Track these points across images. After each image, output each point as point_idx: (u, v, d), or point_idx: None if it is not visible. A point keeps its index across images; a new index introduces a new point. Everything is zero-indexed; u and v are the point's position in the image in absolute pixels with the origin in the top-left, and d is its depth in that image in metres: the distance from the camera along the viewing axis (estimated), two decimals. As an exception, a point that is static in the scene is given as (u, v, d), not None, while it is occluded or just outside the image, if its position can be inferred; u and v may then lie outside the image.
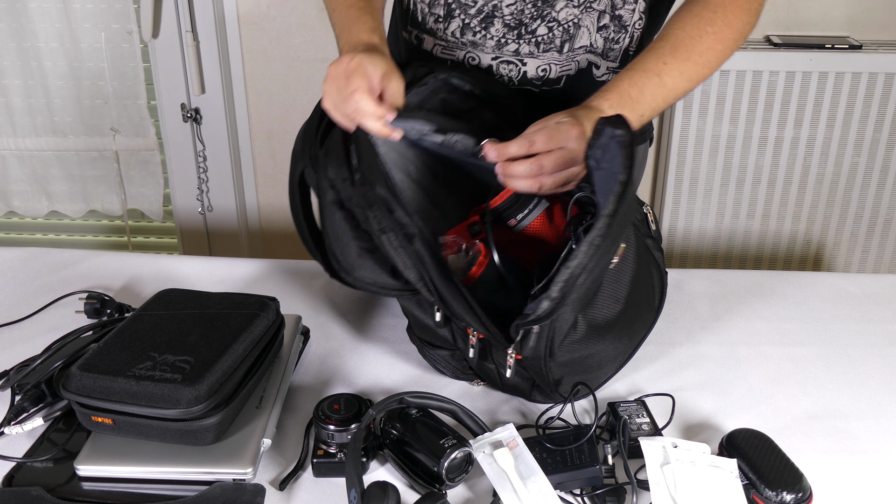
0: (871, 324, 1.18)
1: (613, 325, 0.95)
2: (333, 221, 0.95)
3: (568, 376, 0.96)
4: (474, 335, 0.94)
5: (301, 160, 1.00)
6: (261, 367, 0.95)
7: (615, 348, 0.98)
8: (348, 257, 0.95)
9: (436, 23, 1.15)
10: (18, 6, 2.18)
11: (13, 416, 0.94)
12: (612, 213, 0.80)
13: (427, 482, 0.85)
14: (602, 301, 0.94)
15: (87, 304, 1.15)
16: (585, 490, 0.86)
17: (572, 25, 1.10)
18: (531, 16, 1.09)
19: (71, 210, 2.44)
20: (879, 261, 2.28)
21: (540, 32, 1.10)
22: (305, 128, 1.02)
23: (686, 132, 2.12)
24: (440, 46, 1.16)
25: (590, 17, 1.09)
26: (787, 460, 0.86)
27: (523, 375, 0.97)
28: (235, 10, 2.19)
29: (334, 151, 0.95)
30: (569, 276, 0.81)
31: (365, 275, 0.95)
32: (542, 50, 1.12)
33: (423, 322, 0.99)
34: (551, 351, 0.91)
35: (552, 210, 1.03)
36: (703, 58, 1.02)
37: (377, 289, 0.96)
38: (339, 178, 0.93)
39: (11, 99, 2.30)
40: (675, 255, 2.28)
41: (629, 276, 0.96)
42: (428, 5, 1.15)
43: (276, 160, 2.38)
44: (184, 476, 0.86)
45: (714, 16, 1.03)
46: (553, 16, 1.09)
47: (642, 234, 1.01)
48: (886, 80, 2.05)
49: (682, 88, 1.02)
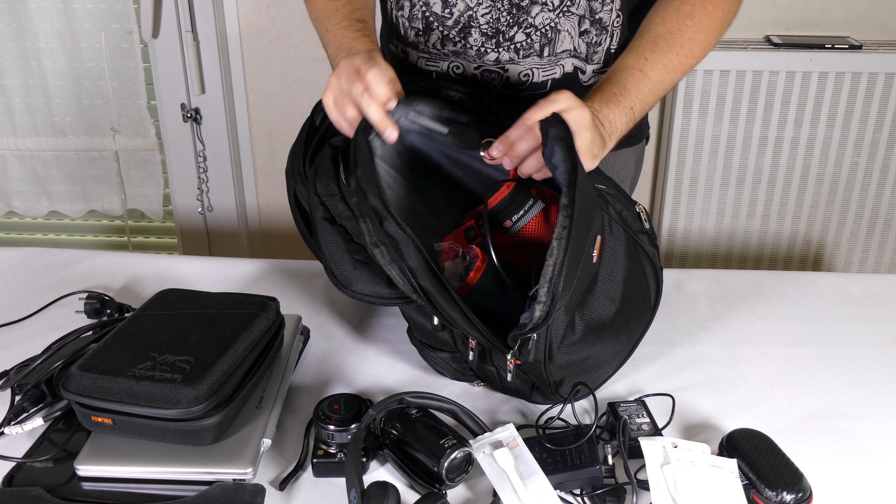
0: (871, 324, 1.18)
1: (610, 324, 0.95)
2: (326, 237, 0.96)
3: (568, 378, 0.96)
4: (473, 339, 0.94)
5: (291, 179, 1.01)
6: (261, 367, 0.95)
7: (613, 348, 0.98)
8: (344, 271, 0.96)
9: (416, 36, 1.15)
10: (18, 6, 2.18)
11: (13, 416, 0.94)
12: (568, 203, 0.82)
13: (427, 482, 0.85)
14: (597, 301, 0.94)
15: (87, 304, 1.15)
16: (585, 490, 0.86)
17: (550, 30, 1.10)
18: (507, 23, 1.10)
19: (71, 210, 2.44)
20: (879, 261, 2.28)
21: (518, 39, 1.11)
22: (294, 147, 1.02)
23: (686, 132, 2.12)
24: (423, 58, 1.17)
25: (569, 21, 1.10)
26: (787, 460, 0.86)
27: (523, 378, 0.97)
28: (235, 10, 2.19)
29: (323, 167, 0.95)
30: (551, 275, 0.81)
31: (362, 287, 0.96)
32: (522, 56, 1.12)
33: (422, 326, 1.00)
34: (550, 355, 0.91)
35: (548, 211, 1.03)
36: (686, 49, 1.03)
37: (376, 299, 0.96)
38: (327, 194, 0.94)
39: (11, 99, 2.30)
40: (675, 255, 2.28)
41: (622, 275, 0.96)
42: (408, 20, 1.15)
43: (276, 160, 2.38)
44: (184, 476, 0.86)
45: (693, 9, 1.05)
46: (530, 21, 1.09)
47: (634, 231, 1.00)
48: (886, 80, 2.05)
49: (668, 80, 1.03)
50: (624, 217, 1.00)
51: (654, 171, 2.28)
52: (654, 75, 1.01)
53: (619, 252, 0.96)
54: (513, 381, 0.97)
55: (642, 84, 1.00)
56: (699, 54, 1.05)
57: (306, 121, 1.04)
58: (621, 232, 0.97)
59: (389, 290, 0.95)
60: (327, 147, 0.98)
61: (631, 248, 0.99)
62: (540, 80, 1.14)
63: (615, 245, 0.96)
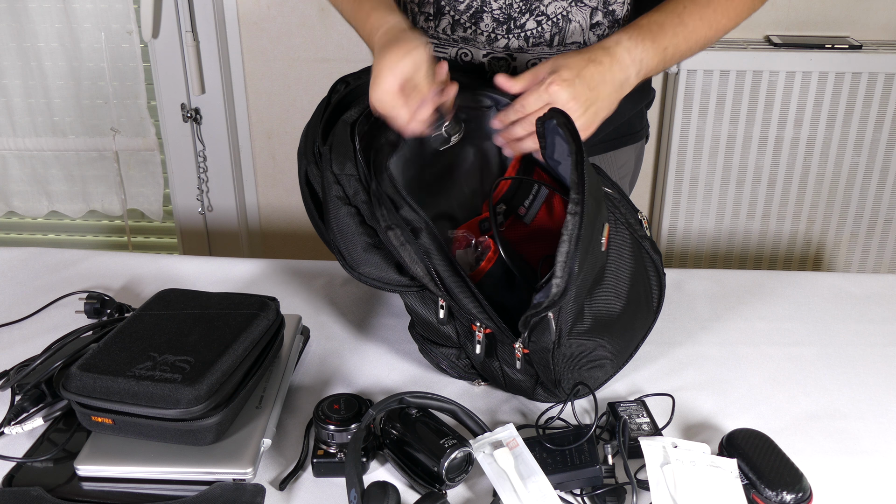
0: (871, 324, 1.18)
1: (617, 320, 0.96)
2: (338, 217, 0.96)
3: (569, 373, 0.96)
4: (480, 331, 0.94)
5: (304, 158, 1.01)
6: (261, 367, 0.95)
7: (617, 345, 0.98)
8: (353, 253, 0.96)
9: (426, 21, 1.15)
10: (18, 6, 2.18)
11: (13, 416, 0.94)
12: (577, 180, 0.83)
13: (427, 482, 0.85)
14: (605, 295, 0.95)
15: (87, 304, 1.15)
16: (585, 490, 0.86)
17: (561, 19, 1.10)
18: (519, 10, 1.10)
19: (71, 210, 2.44)
20: (879, 261, 2.28)
21: (529, 27, 1.11)
22: (307, 127, 1.02)
23: (686, 132, 2.12)
24: (432, 45, 1.16)
25: (581, 12, 1.10)
26: (787, 460, 0.86)
27: (528, 372, 0.97)
28: (235, 10, 2.19)
29: (339, 146, 0.96)
30: (567, 250, 0.82)
31: (370, 270, 0.96)
32: (531, 44, 1.12)
33: (425, 320, 1.00)
34: (559, 341, 0.91)
35: (552, 203, 1.03)
36: (722, 7, 1.05)
37: (382, 284, 0.97)
38: (344, 174, 0.94)
39: (11, 99, 2.30)
40: (675, 255, 2.28)
41: (627, 273, 0.97)
42: (417, 5, 1.15)
43: (276, 160, 2.38)
44: (184, 476, 0.86)
45: None
46: (542, 9, 1.10)
47: (639, 236, 1.01)
48: (886, 80, 2.05)
49: (701, 34, 1.04)
50: (629, 220, 1.00)
51: (654, 170, 2.28)
52: (690, 23, 1.02)
53: (625, 252, 0.97)
54: (519, 373, 0.97)
55: (679, 29, 1.02)
56: (734, 17, 1.06)
57: (322, 101, 1.05)
58: (626, 233, 0.98)
59: (398, 276, 0.96)
60: (342, 124, 0.98)
61: (636, 249, 0.99)
62: None
63: (621, 244, 0.97)
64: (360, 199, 0.94)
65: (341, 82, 1.07)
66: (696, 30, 1.03)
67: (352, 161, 0.95)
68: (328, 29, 2.20)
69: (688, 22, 1.02)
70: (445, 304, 0.96)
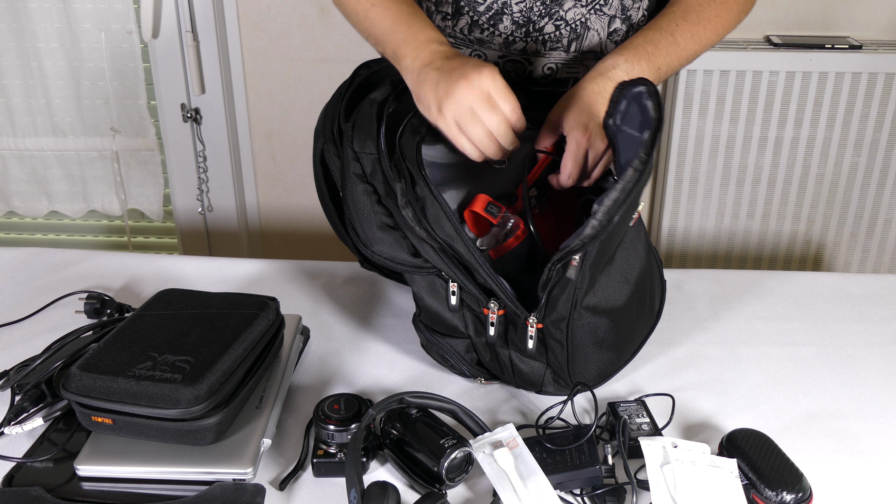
0: (871, 324, 1.18)
1: (625, 306, 0.96)
2: (355, 193, 0.97)
3: (578, 354, 0.95)
4: (494, 313, 0.95)
5: (321, 137, 1.01)
6: (261, 367, 0.95)
7: (620, 335, 0.98)
8: (367, 230, 0.97)
9: (443, 20, 1.15)
10: (18, 6, 2.18)
11: (13, 416, 0.94)
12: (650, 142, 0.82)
13: (427, 482, 0.85)
14: (615, 275, 0.95)
15: (87, 304, 1.15)
16: (585, 490, 0.86)
17: (580, 25, 1.11)
18: (539, 13, 1.10)
19: (71, 210, 2.44)
20: (879, 261, 2.28)
21: (548, 30, 1.11)
22: (327, 106, 1.03)
23: (686, 132, 2.12)
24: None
25: (600, 20, 1.11)
26: (787, 460, 0.86)
27: (539, 356, 0.96)
28: (235, 10, 2.19)
29: (363, 124, 0.96)
30: (616, 198, 0.82)
31: (383, 249, 0.97)
32: (548, 48, 1.12)
33: (433, 310, 0.99)
34: (574, 308, 0.91)
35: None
36: (712, 24, 1.07)
37: (394, 264, 0.98)
38: (364, 153, 0.95)
39: (11, 99, 2.30)
40: (675, 255, 2.28)
41: (639, 264, 0.97)
42: (435, 4, 1.15)
43: (276, 160, 2.38)
44: (184, 476, 0.86)
45: None
46: (561, 14, 1.10)
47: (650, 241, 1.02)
48: (886, 80, 2.05)
49: (692, 51, 1.06)
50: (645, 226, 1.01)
51: (654, 171, 2.28)
52: (682, 42, 1.05)
53: (640, 246, 0.98)
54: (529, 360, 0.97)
55: (671, 48, 1.04)
56: (720, 33, 1.09)
57: (343, 83, 1.05)
58: (643, 231, 0.98)
59: (410, 257, 0.96)
60: (368, 102, 0.99)
61: (648, 247, 1.00)
62: (563, 76, 1.15)
63: (636, 237, 0.97)
64: (378, 179, 0.95)
65: (364, 67, 1.08)
66: (686, 48, 1.06)
67: (373, 140, 0.96)
68: (328, 29, 2.20)
69: (680, 41, 1.05)
70: (457, 288, 0.96)
